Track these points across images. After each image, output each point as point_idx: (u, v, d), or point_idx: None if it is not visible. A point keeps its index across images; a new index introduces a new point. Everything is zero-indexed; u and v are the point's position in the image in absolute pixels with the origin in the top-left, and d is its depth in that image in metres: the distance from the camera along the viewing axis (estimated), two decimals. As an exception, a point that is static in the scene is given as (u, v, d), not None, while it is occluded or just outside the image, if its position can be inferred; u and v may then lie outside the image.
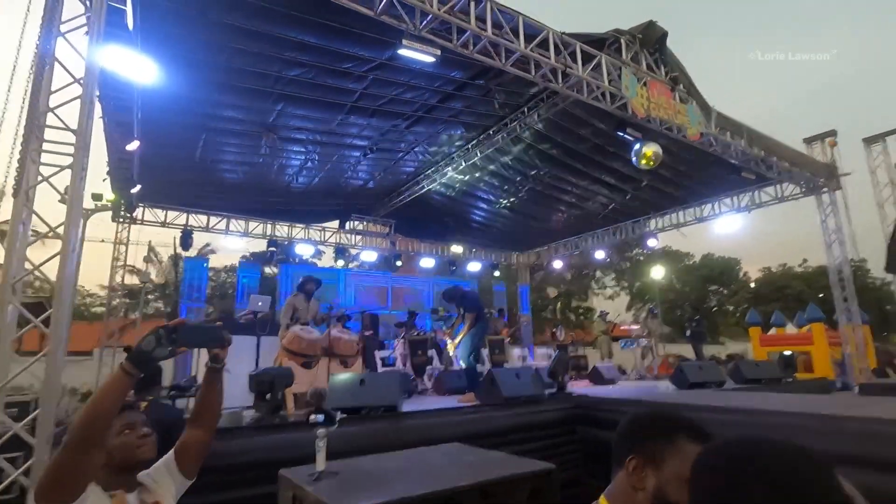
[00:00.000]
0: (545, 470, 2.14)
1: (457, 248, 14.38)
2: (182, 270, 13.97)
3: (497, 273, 15.61)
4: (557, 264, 16.37)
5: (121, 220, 10.27)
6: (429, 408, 4.74)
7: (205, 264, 12.22)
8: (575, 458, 4.98)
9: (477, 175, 10.10)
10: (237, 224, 11.38)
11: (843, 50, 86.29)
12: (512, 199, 11.00)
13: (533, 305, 18.23)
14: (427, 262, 14.33)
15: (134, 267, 16.44)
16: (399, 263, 13.73)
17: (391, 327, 10.25)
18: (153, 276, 21.09)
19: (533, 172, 9.85)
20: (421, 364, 7.53)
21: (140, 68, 5.03)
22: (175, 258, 20.87)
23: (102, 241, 16.88)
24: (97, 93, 4.39)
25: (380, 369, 7.77)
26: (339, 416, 2.13)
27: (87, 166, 2.94)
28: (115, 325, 11.13)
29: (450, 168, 9.56)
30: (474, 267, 15.02)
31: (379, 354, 8.19)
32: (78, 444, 1.32)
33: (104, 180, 8.54)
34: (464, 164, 9.29)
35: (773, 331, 14.86)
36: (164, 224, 10.72)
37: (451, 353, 7.66)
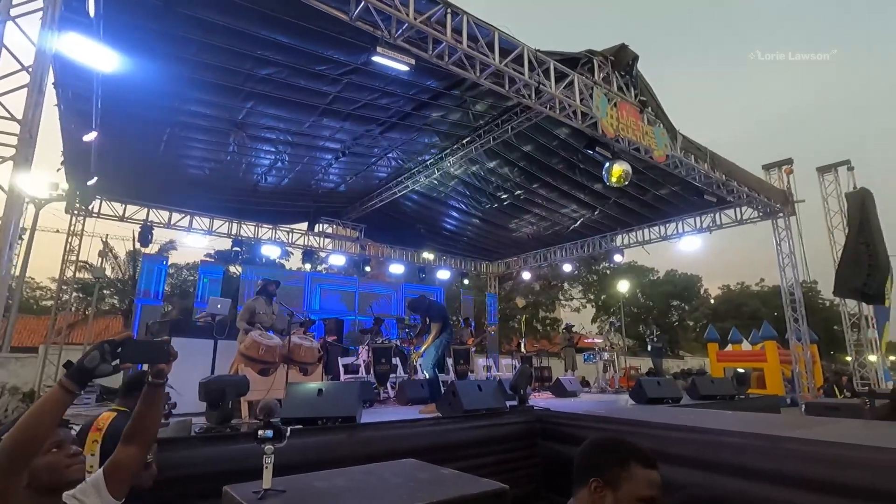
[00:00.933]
0: (498, 490, 2.12)
1: (427, 255, 14.35)
2: (140, 267, 13.40)
3: (466, 281, 15.67)
4: (526, 275, 16.56)
5: (75, 212, 9.78)
6: (388, 419, 4.66)
7: (164, 262, 11.75)
8: (534, 471, 4.98)
9: (450, 184, 10.12)
10: (201, 222, 11.01)
11: (802, 84, 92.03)
12: (483, 209, 11.07)
13: (501, 315, 18.34)
14: (396, 268, 14.23)
15: (87, 263, 15.69)
16: (368, 268, 13.58)
17: (356, 333, 10.08)
18: (108, 273, 20.15)
19: (504, 183, 9.95)
20: (384, 373, 7.43)
21: (100, 57, 4.80)
22: (133, 254, 20.02)
23: (57, 231, 16.10)
24: (52, 80, 4.18)
25: (342, 376, 7.63)
26: (288, 431, 2.05)
27: (31, 158, 2.78)
28: (63, 321, 10.58)
29: (423, 175, 9.54)
30: (444, 275, 15.01)
31: (342, 361, 8.04)
32: (8, 464, 1.23)
33: (58, 170, 8.13)
34: (437, 172, 9.30)
35: (729, 347, 15.45)
36: (122, 218, 10.27)
37: (415, 363, 7.59)
